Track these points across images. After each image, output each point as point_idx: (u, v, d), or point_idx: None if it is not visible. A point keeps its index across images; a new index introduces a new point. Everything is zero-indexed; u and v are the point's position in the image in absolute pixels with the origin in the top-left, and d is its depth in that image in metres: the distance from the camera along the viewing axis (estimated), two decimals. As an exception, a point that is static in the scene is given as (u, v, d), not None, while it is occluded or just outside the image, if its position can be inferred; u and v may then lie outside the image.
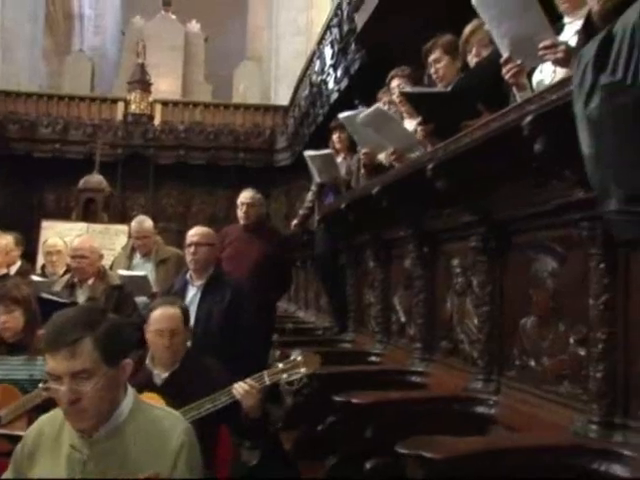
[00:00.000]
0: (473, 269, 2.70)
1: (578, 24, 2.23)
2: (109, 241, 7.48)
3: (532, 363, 2.29)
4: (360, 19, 6.86)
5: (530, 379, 2.29)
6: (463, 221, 2.65)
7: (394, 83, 4.25)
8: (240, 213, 5.04)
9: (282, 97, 15.80)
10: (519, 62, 2.37)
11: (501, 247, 2.49)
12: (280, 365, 2.59)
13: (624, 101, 1.21)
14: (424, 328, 3.20)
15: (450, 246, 2.98)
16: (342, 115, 4.20)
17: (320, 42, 10.70)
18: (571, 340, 2.07)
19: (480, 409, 2.44)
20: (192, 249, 3.67)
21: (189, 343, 2.92)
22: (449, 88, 2.95)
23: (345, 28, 8.58)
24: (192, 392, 2.53)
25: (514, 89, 2.47)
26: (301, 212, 6.25)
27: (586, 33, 1.82)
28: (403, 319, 3.59)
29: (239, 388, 2.53)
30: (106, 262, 4.70)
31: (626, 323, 1.84)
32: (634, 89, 1.19)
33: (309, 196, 6.04)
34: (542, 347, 2.23)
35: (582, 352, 2.00)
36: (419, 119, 3.14)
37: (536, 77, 2.51)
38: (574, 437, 1.91)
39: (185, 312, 2.85)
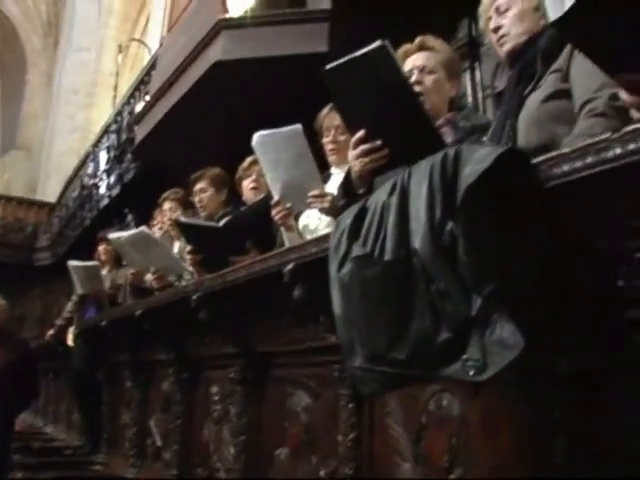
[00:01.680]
0: (231, 398, 2.73)
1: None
2: None
3: (283, 494, 2.34)
4: (140, 131, 6.93)
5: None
6: (224, 351, 2.70)
7: (166, 205, 4.34)
8: (-18, 319, 4.74)
9: (50, 194, 15.23)
10: (288, 206, 2.55)
11: (259, 379, 2.56)
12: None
13: (371, 273, 1.36)
14: (180, 454, 3.14)
15: (210, 373, 3.00)
16: (112, 235, 4.19)
17: (96, 145, 10.60)
18: (321, 473, 2.14)
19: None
20: None
21: None
22: (221, 223, 3.08)
23: (123, 136, 8.61)
24: None
25: (282, 230, 2.65)
26: (58, 322, 6.01)
27: (344, 188, 2.01)
28: (159, 443, 3.50)
29: None
30: None
31: (371, 459, 1.95)
32: (380, 263, 1.35)
33: (69, 306, 5.84)
34: (294, 478, 2.29)
35: (331, 485, 2.09)
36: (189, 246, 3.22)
37: (303, 221, 2.71)
38: None
39: None
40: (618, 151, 1.15)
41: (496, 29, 2.14)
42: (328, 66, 1.74)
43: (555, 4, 1.69)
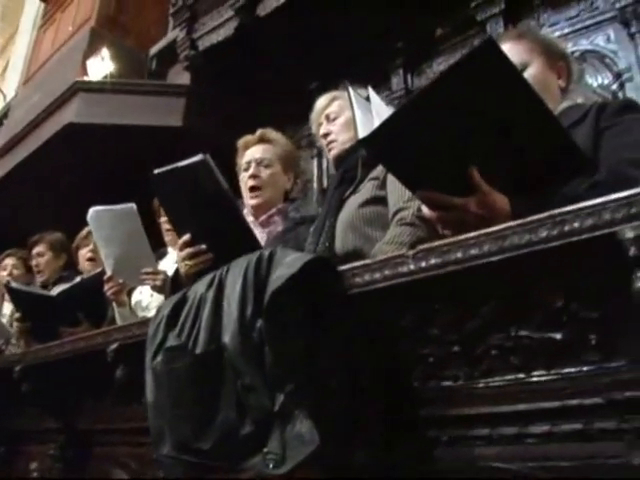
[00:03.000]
0: (50, 474, 2.63)
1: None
2: None
3: None
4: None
5: None
6: (45, 426, 2.60)
7: (8, 261, 4.22)
8: None
9: None
10: (121, 281, 2.56)
11: (80, 457, 2.49)
12: None
13: (181, 365, 1.40)
14: (-8, 533, 2.97)
15: (30, 448, 2.86)
16: None
17: None
18: None
19: None
20: None
21: None
22: (54, 292, 3.03)
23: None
24: None
25: (114, 305, 2.64)
26: None
27: (173, 285, 2.06)
28: (-34, 523, 3.27)
29: None
30: None
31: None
32: (191, 355, 1.40)
33: None
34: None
35: None
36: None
37: (135, 297, 2.72)
38: None
39: None
40: (411, 267, 1.28)
41: (325, 135, 2.30)
42: (156, 171, 1.81)
43: (365, 123, 1.86)
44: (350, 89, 2.14)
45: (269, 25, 4.31)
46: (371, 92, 2.11)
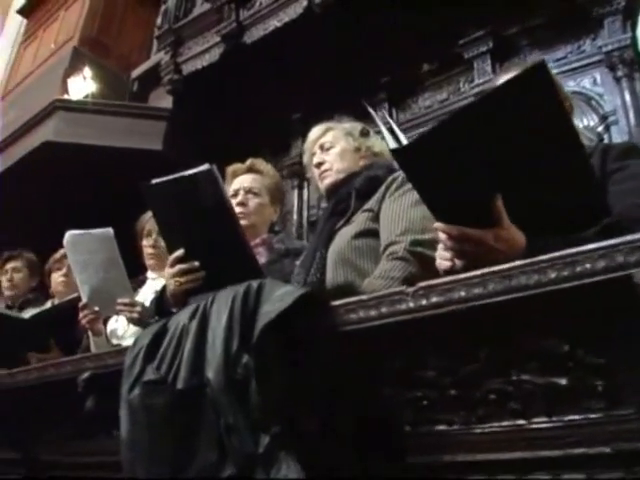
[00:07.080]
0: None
1: (162, 282, 2.43)
2: None
3: None
4: None
5: None
6: (4, 457, 2.45)
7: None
8: None
9: None
10: (96, 309, 2.46)
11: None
12: None
13: (159, 401, 1.31)
14: None
15: (-12, 480, 2.73)
16: None
17: None
18: None
19: None
20: None
21: None
22: (27, 316, 2.91)
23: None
24: None
25: (89, 333, 2.54)
26: None
27: (157, 306, 1.98)
28: None
29: None
30: None
31: None
32: (171, 391, 1.31)
33: None
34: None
35: None
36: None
37: (111, 325, 2.63)
38: None
39: None
40: (411, 305, 1.22)
41: (319, 164, 2.26)
42: (153, 181, 1.73)
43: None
44: (369, 108, 2.08)
45: (255, 53, 4.28)
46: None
